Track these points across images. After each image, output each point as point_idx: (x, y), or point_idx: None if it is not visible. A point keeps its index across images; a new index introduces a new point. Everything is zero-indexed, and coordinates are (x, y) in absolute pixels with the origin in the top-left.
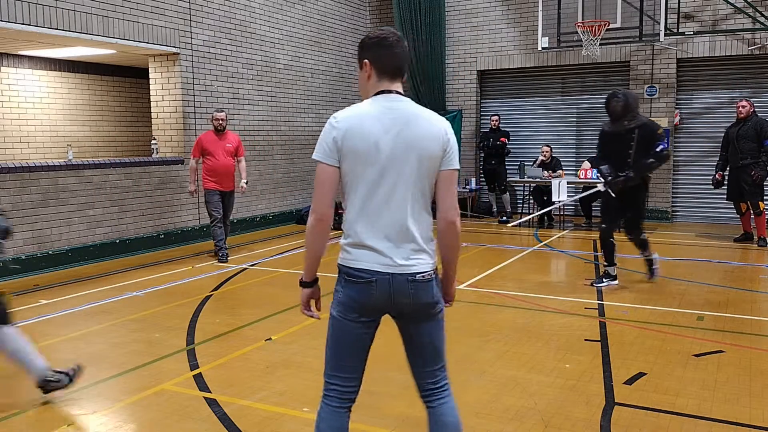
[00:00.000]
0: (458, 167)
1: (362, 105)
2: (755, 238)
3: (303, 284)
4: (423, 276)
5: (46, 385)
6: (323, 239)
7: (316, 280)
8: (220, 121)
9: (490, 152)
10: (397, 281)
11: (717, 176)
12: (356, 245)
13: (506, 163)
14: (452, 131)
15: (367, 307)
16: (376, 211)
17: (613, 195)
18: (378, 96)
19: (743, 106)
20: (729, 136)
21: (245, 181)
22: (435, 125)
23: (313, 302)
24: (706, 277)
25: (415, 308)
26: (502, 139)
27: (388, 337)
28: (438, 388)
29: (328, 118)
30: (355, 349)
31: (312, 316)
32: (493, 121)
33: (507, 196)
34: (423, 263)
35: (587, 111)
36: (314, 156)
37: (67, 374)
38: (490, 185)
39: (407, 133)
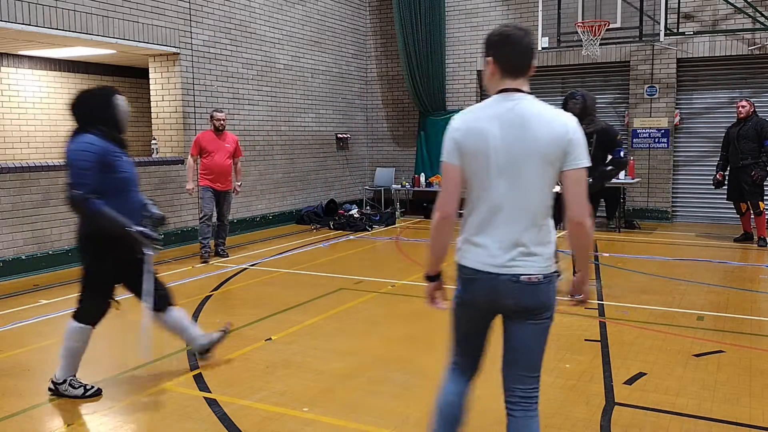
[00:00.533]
0: (584, 165)
1: (483, 104)
2: (755, 238)
3: (428, 278)
4: (529, 278)
5: (206, 351)
6: (447, 235)
7: (439, 273)
8: (221, 121)
9: None
10: (500, 281)
11: (718, 176)
12: (467, 242)
13: None
14: (577, 128)
15: (472, 302)
16: (490, 211)
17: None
18: (499, 95)
19: (743, 106)
20: (729, 136)
21: (239, 183)
22: (555, 125)
23: (439, 293)
24: (706, 277)
25: (518, 310)
26: None
27: (388, 338)
28: (526, 398)
29: (328, 118)
30: (470, 336)
31: (438, 307)
32: None
33: None
34: (531, 266)
35: None
36: (442, 157)
37: (223, 331)
38: None
39: (525, 133)
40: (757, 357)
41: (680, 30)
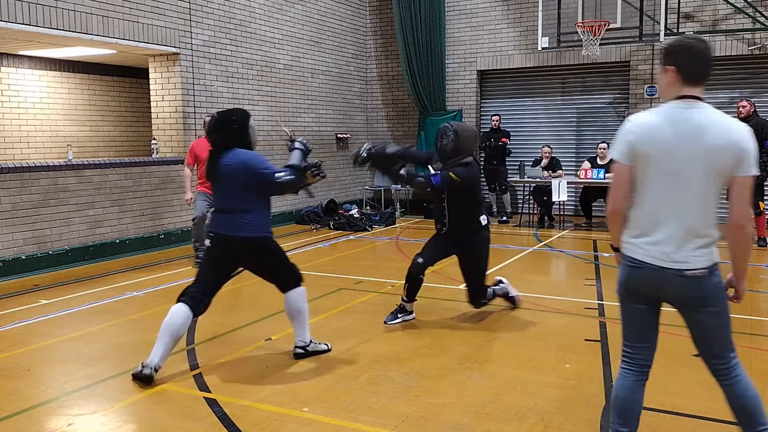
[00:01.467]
0: (754, 173)
1: (660, 110)
2: (755, 238)
3: (613, 248)
4: (694, 272)
5: (306, 351)
6: (619, 226)
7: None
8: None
9: (491, 152)
10: (666, 275)
11: None
12: (637, 236)
13: (506, 164)
14: (750, 138)
15: (637, 291)
16: (659, 212)
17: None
18: (677, 101)
19: (743, 106)
20: None
21: None
22: (731, 134)
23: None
24: None
25: (686, 301)
26: (504, 139)
27: (388, 338)
28: (727, 368)
29: (328, 118)
30: (637, 326)
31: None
32: (494, 121)
33: (508, 196)
34: (696, 260)
35: (587, 111)
36: (611, 155)
37: (326, 345)
38: (491, 185)
39: (700, 142)
40: (757, 357)
41: (680, 30)
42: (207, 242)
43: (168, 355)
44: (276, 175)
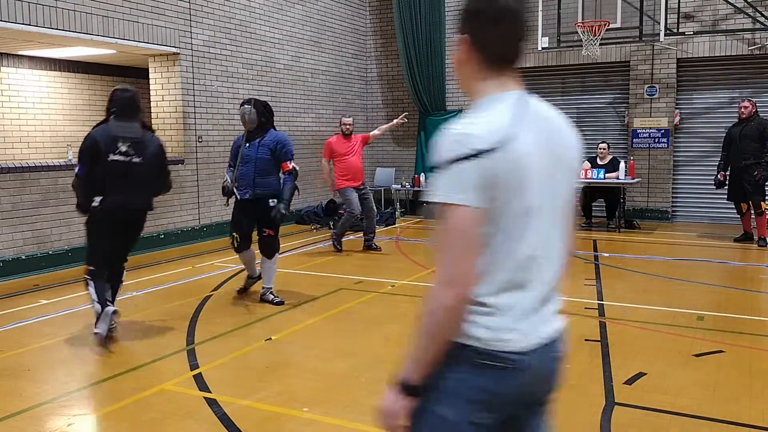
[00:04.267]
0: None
1: (504, 107)
2: (755, 238)
3: (407, 388)
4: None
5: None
6: (459, 325)
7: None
8: (348, 126)
9: None
10: (548, 359)
11: (719, 176)
12: (504, 312)
13: None
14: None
15: (516, 403)
16: (529, 266)
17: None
18: (514, 93)
19: (745, 107)
20: (731, 136)
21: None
22: (573, 132)
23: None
24: (706, 277)
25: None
26: None
27: (388, 338)
28: None
29: (328, 118)
30: None
31: None
32: None
33: None
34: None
35: (587, 111)
36: (438, 197)
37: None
38: None
39: (561, 146)
40: (757, 357)
41: (680, 30)
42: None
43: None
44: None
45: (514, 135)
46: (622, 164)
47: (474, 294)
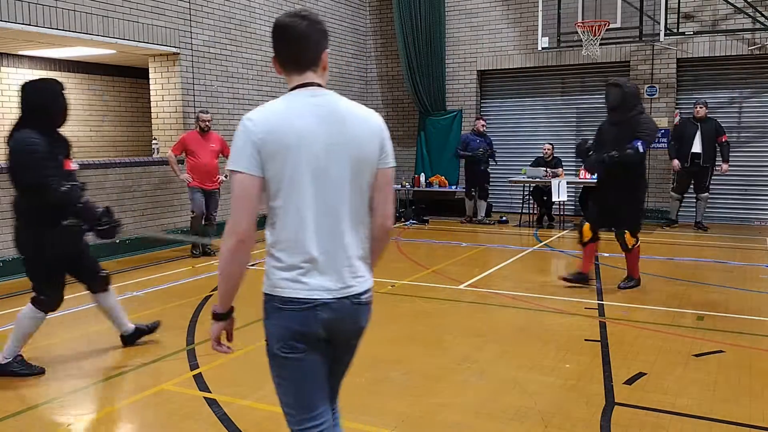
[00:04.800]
0: (393, 165)
1: (283, 99)
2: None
3: (217, 316)
4: (368, 298)
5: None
6: (242, 268)
7: (231, 310)
8: (207, 122)
9: (482, 157)
10: (343, 306)
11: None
12: (289, 268)
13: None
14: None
15: (304, 339)
16: (302, 222)
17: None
18: (299, 90)
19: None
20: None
21: (224, 176)
22: (371, 122)
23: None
24: (706, 277)
25: (353, 336)
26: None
27: (388, 338)
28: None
29: None
30: (314, 382)
31: (223, 351)
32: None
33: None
34: (366, 281)
35: (587, 111)
36: (230, 166)
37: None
38: (474, 188)
39: (343, 131)
40: (757, 357)
41: (680, 30)
42: None
43: None
44: None
45: (283, 120)
46: None
47: (268, 247)
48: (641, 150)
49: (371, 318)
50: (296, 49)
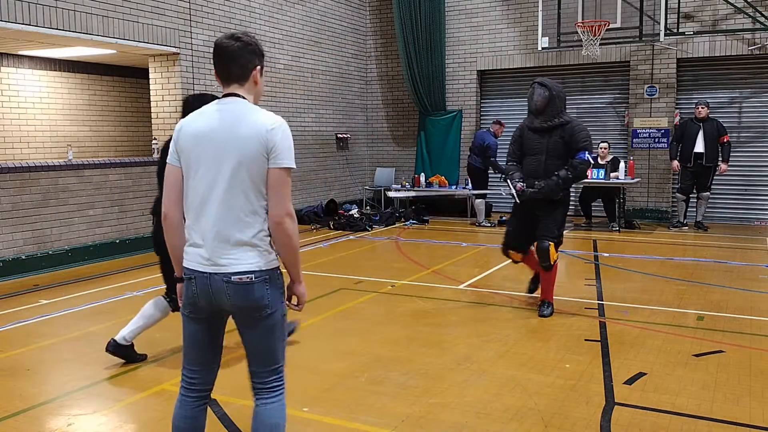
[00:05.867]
0: (288, 165)
1: (201, 108)
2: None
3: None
4: (240, 278)
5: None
6: (177, 237)
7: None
8: None
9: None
10: (214, 281)
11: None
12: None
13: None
14: (281, 129)
15: (192, 305)
16: (196, 208)
17: None
18: (217, 100)
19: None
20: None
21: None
22: (259, 124)
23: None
24: (706, 277)
25: (236, 310)
26: None
27: (388, 338)
28: (265, 389)
29: (328, 118)
30: (195, 343)
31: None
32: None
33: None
34: (241, 263)
35: (587, 111)
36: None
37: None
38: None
39: (231, 133)
40: (757, 357)
41: (680, 30)
42: None
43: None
44: None
45: (186, 123)
46: (621, 164)
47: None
48: (591, 161)
49: (370, 318)
50: (226, 66)
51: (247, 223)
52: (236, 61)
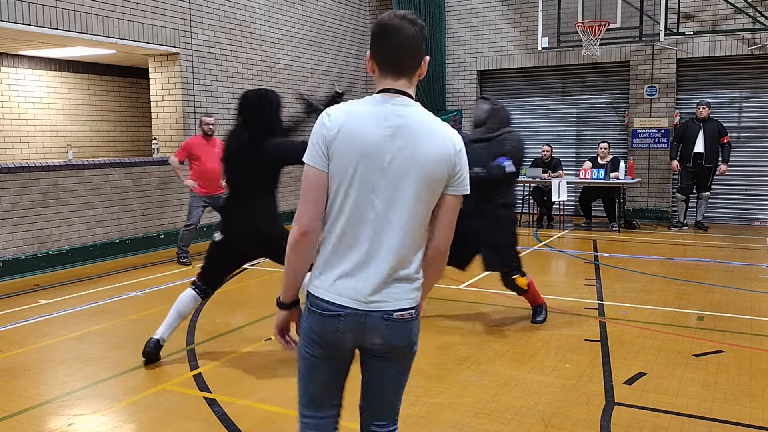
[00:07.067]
0: (467, 192)
1: (362, 101)
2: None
3: (281, 305)
4: (402, 314)
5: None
6: (308, 255)
7: (297, 301)
8: (210, 126)
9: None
10: (370, 320)
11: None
12: (325, 268)
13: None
14: (464, 149)
15: (331, 343)
16: (353, 231)
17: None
18: (380, 95)
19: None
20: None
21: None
22: (444, 141)
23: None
24: (706, 277)
25: (385, 349)
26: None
27: None
28: None
29: None
30: (324, 384)
31: (288, 347)
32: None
33: None
34: (403, 299)
35: (587, 111)
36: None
37: None
38: None
39: (410, 147)
40: (757, 357)
41: (680, 30)
42: None
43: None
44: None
45: (348, 123)
46: (621, 164)
47: (316, 238)
48: (507, 169)
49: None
50: (400, 54)
51: (416, 255)
52: (413, 49)
